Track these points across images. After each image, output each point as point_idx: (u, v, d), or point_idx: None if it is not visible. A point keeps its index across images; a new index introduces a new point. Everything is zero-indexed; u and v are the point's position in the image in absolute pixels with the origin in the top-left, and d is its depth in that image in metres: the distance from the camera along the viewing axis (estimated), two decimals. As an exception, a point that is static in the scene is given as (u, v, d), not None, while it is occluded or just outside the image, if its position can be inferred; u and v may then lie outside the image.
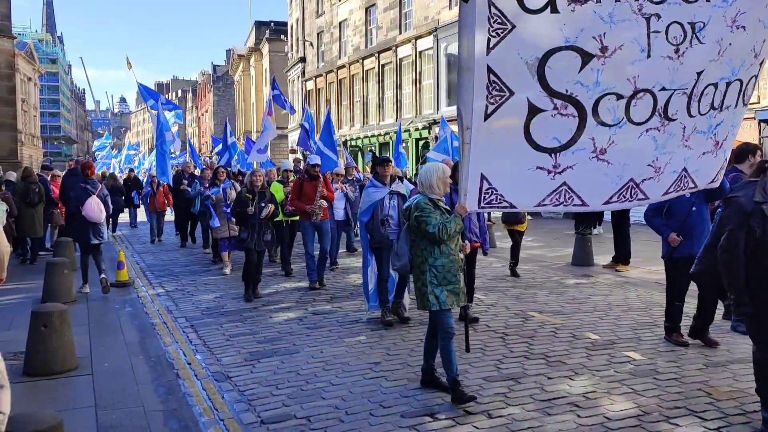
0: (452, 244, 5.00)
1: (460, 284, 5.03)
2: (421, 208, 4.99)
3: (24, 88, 52.44)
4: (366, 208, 7.46)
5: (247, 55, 58.00)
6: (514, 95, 4.25)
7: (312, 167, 9.99)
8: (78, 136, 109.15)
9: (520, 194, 4.62)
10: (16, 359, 6.17)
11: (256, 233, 8.94)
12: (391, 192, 7.50)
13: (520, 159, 4.46)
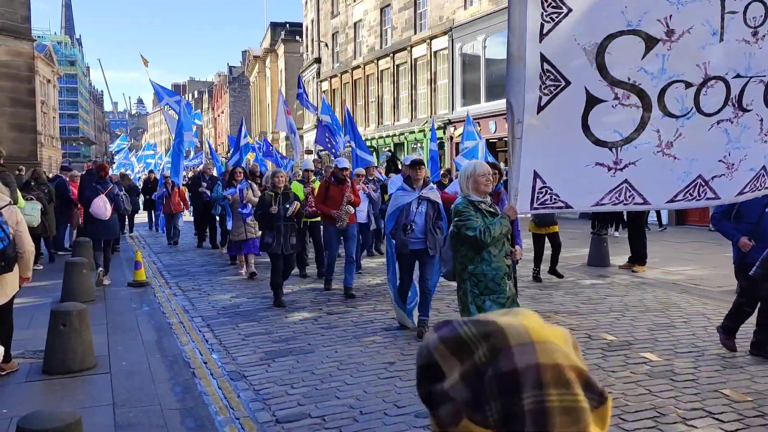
0: (496, 249, 4.61)
1: (507, 293, 4.64)
2: (459, 211, 4.66)
3: (43, 90, 53.09)
4: (392, 212, 6.98)
5: (263, 56, 58.24)
6: (570, 85, 3.93)
7: (340, 170, 9.52)
8: (96, 137, 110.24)
9: (577, 193, 4.27)
10: (35, 358, 6.26)
11: (281, 236, 8.47)
12: (420, 197, 6.88)
13: (578, 155, 4.12)
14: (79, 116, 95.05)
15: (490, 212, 4.67)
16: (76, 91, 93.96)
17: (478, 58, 27.10)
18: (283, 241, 8.48)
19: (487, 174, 4.71)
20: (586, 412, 0.79)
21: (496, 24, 25.65)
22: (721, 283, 9.61)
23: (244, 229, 10.74)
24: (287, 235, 8.49)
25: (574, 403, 0.79)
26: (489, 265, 4.59)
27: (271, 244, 8.47)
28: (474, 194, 4.69)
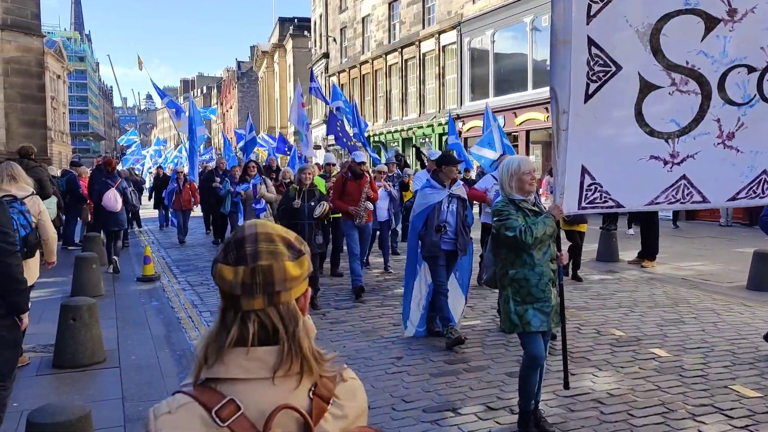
0: (539, 252, 4.13)
1: (552, 301, 4.18)
2: (498, 210, 4.20)
3: (53, 85, 53.36)
4: (420, 211, 6.46)
5: (271, 51, 58.30)
6: (621, 70, 3.62)
7: (357, 165, 9.12)
8: (106, 132, 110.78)
9: (629, 191, 3.90)
10: (45, 352, 6.31)
11: (305, 236, 7.86)
12: (451, 195, 6.45)
13: (631, 147, 3.78)
14: (88, 112, 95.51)
15: (534, 211, 4.20)
16: (85, 87, 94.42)
17: (486, 52, 27.01)
18: (307, 241, 8.23)
19: (531, 172, 4.20)
20: (284, 255, 1.34)
21: (505, 18, 25.54)
22: (731, 278, 9.56)
23: None
24: (312, 235, 8.02)
25: (275, 249, 1.33)
26: (532, 269, 4.12)
27: None
28: (517, 194, 4.20)
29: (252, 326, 1.30)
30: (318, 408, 1.33)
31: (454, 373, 5.59)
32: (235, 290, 1.29)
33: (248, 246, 1.32)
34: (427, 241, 6.37)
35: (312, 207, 7.98)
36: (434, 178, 6.53)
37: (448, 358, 6.02)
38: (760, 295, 8.39)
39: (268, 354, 1.30)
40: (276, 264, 1.31)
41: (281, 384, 1.30)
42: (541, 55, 24.67)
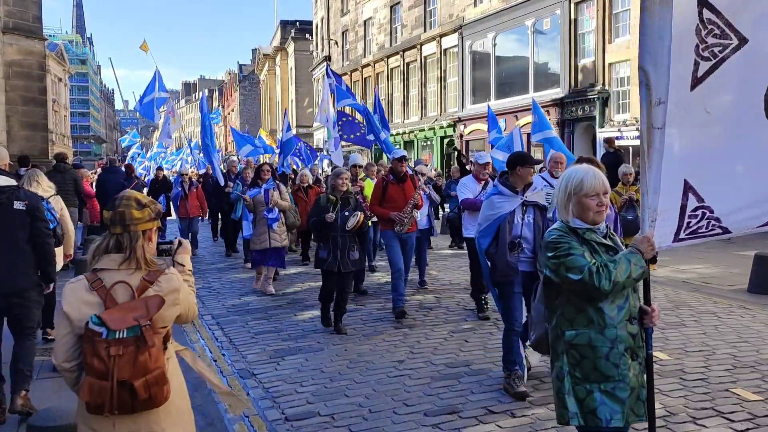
0: (613, 306, 2.85)
1: (630, 382, 2.86)
2: (554, 244, 2.89)
3: (55, 88, 53.44)
4: (487, 225, 5.21)
5: (273, 54, 58.34)
6: (746, 43, 2.63)
7: (398, 164, 8.08)
8: (107, 135, 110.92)
9: (744, 211, 2.85)
10: (46, 355, 6.30)
11: (339, 250, 7.00)
12: (525, 203, 5.22)
13: (759, 154, 2.73)
14: (90, 115, 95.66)
15: (606, 246, 2.95)
16: (87, 90, 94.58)
17: (488, 55, 27.03)
18: (341, 256, 7.00)
19: (601, 192, 2.92)
20: (132, 207, 2.59)
21: (506, 21, 25.57)
22: (732, 281, 9.55)
23: (268, 236, 9.17)
24: (346, 249, 7.03)
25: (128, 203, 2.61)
26: (601, 331, 2.85)
27: (326, 260, 7.02)
28: (579, 220, 2.95)
29: (112, 241, 2.62)
30: (143, 285, 2.59)
31: (456, 376, 5.58)
32: (107, 222, 2.64)
33: (116, 201, 2.65)
34: (499, 263, 5.09)
35: (347, 217, 7.03)
36: (504, 183, 5.30)
37: (450, 361, 6.02)
38: (761, 299, 8.38)
39: (119, 257, 2.61)
40: (126, 210, 2.61)
41: (126, 272, 2.59)
42: (542, 58, 24.69)
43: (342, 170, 7.68)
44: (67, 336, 2.55)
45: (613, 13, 21.27)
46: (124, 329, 2.44)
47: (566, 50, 22.82)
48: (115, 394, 2.41)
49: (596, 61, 21.79)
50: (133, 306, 2.51)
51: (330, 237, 6.98)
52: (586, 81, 22.39)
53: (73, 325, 2.53)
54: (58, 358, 2.56)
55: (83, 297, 2.54)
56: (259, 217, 9.28)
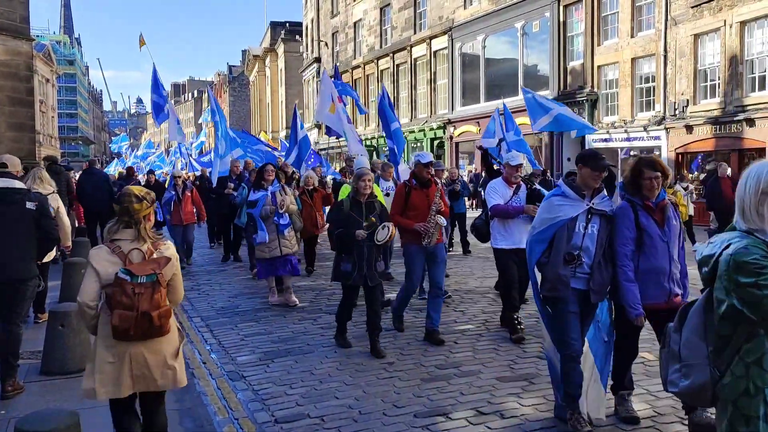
0: None
1: None
2: (757, 267, 2.24)
3: (42, 89, 53.06)
4: (543, 229, 4.48)
5: (263, 55, 58.24)
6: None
7: (423, 168, 6.95)
8: (95, 136, 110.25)
9: None
10: (33, 358, 6.26)
11: (365, 262, 6.25)
12: (592, 210, 4.42)
13: None
14: (78, 116, 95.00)
15: None
16: (75, 91, 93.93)
17: (477, 57, 27.12)
18: (367, 269, 6.28)
19: None
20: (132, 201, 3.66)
21: (496, 24, 25.67)
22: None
23: (278, 244, 8.41)
24: (372, 260, 6.32)
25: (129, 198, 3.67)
26: None
27: (350, 274, 6.29)
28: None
29: (124, 222, 3.64)
30: (150, 250, 3.64)
31: (446, 378, 5.59)
32: (117, 212, 3.65)
33: (121, 198, 3.63)
34: (549, 274, 4.42)
35: (372, 227, 6.27)
36: (569, 184, 4.54)
37: (439, 363, 6.03)
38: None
39: (130, 232, 3.64)
40: (129, 205, 3.60)
41: (137, 243, 3.63)
42: (531, 61, 24.81)
43: (365, 171, 6.60)
44: (95, 284, 3.58)
45: (602, 16, 21.41)
46: (144, 276, 3.52)
47: (555, 52, 22.95)
48: (138, 321, 3.50)
49: (585, 64, 21.92)
50: (149, 262, 3.62)
51: (356, 248, 6.25)
52: (575, 83, 22.52)
53: (100, 277, 3.56)
54: (85, 298, 3.59)
55: (107, 258, 3.59)
56: (268, 224, 8.41)
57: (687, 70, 18.74)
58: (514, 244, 6.72)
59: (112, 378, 3.62)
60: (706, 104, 18.39)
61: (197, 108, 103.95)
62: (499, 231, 6.85)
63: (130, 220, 3.64)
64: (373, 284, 6.36)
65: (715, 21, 17.85)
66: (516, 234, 6.72)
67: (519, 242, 6.57)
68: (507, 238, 6.79)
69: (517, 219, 6.73)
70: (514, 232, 6.74)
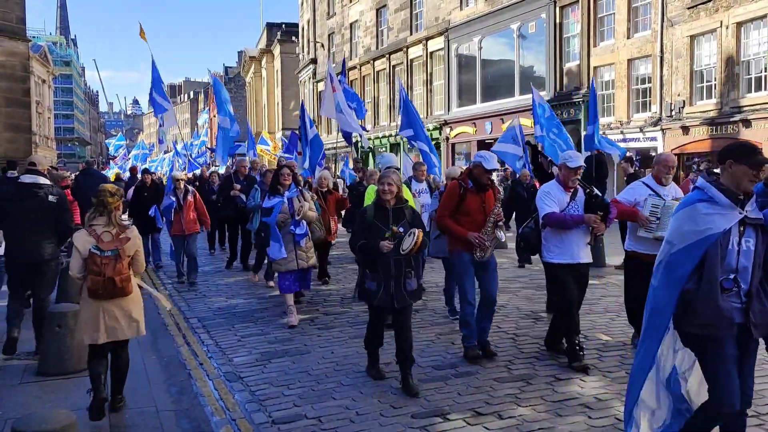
0: None
1: None
2: None
3: (38, 90, 52.94)
4: (689, 246, 3.45)
5: (259, 56, 58.21)
6: None
7: (485, 172, 6.06)
8: (91, 137, 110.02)
9: None
10: (30, 359, 6.25)
11: (392, 280, 5.28)
12: (746, 221, 3.47)
13: None
14: (74, 116, 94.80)
15: None
16: (71, 92, 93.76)
17: (474, 58, 27.15)
18: (395, 288, 5.30)
19: None
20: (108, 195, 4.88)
21: (492, 25, 25.70)
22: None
23: (295, 256, 7.55)
24: (401, 277, 5.31)
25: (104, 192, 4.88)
26: None
27: (375, 293, 5.35)
28: None
29: (99, 211, 4.83)
30: (118, 233, 4.80)
31: (443, 378, 5.59)
32: (95, 203, 4.84)
33: (98, 193, 4.85)
34: (704, 307, 3.42)
35: (399, 236, 5.29)
36: (719, 186, 3.52)
37: (436, 363, 6.03)
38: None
39: (103, 219, 4.81)
40: (105, 198, 4.80)
41: (108, 227, 4.80)
42: (527, 62, 24.84)
43: (388, 173, 5.58)
44: (79, 259, 4.75)
45: (599, 17, 21.45)
46: (109, 251, 4.73)
47: (551, 53, 22.98)
48: (105, 284, 4.68)
49: (581, 65, 21.96)
50: (114, 240, 4.78)
51: (380, 262, 5.29)
52: (571, 84, 22.55)
53: (80, 253, 4.74)
54: (74, 271, 4.81)
55: (85, 238, 4.76)
56: (283, 233, 7.54)
57: (683, 71, 18.79)
58: (572, 259, 5.82)
59: (92, 328, 4.81)
60: (703, 105, 18.44)
61: (193, 109, 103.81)
62: (554, 243, 5.88)
63: (104, 210, 4.83)
64: (401, 306, 5.33)
65: (711, 22, 17.90)
66: (574, 247, 5.83)
67: (577, 256, 5.84)
68: (563, 252, 5.83)
69: (575, 230, 5.80)
70: (572, 244, 5.82)
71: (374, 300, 5.40)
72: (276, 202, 7.61)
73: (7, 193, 6.42)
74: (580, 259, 5.85)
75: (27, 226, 6.25)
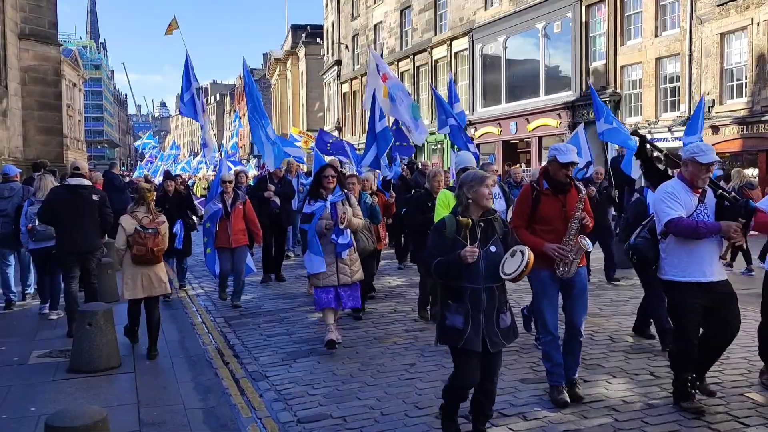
0: None
1: None
2: None
3: (69, 93, 53.89)
4: None
5: (284, 58, 58.57)
6: None
7: (561, 168, 4.97)
8: (120, 139, 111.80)
9: None
10: (62, 357, 6.39)
11: (482, 314, 4.07)
12: None
13: None
14: (103, 119, 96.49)
15: None
16: (101, 95, 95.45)
17: (498, 58, 27.01)
18: (486, 324, 4.09)
19: None
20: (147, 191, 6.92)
21: (517, 24, 25.54)
22: (746, 285, 9.46)
23: (336, 269, 6.60)
24: (494, 311, 4.12)
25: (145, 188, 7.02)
26: None
27: (461, 331, 4.07)
28: None
29: (140, 202, 6.71)
30: (153, 217, 6.67)
31: (467, 379, 5.58)
32: (137, 196, 6.81)
33: (139, 189, 6.87)
34: None
35: (492, 256, 4.10)
36: None
37: (461, 364, 6.01)
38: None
39: (144, 208, 6.68)
40: (145, 193, 6.75)
41: (147, 213, 6.65)
42: (553, 61, 24.65)
43: (482, 173, 4.47)
44: (123, 236, 6.46)
45: (626, 16, 21.20)
46: (150, 228, 6.47)
47: (577, 53, 22.76)
48: (147, 252, 6.42)
49: (608, 64, 21.72)
50: (152, 223, 6.55)
51: (467, 291, 4.07)
52: (597, 84, 22.31)
53: (125, 231, 6.46)
54: (119, 243, 6.53)
55: (130, 221, 6.50)
56: (323, 243, 6.57)
57: (713, 69, 18.48)
58: (702, 277, 4.73)
59: (132, 287, 6.52)
60: (733, 104, 18.11)
61: (219, 111, 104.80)
62: (678, 256, 4.78)
63: (144, 201, 6.65)
64: (495, 350, 4.15)
65: (741, 19, 17.58)
66: (706, 261, 4.74)
67: (709, 273, 4.75)
68: (690, 268, 4.73)
69: (706, 241, 4.70)
70: (702, 258, 4.73)
71: (460, 341, 4.08)
72: (317, 207, 6.62)
73: (60, 195, 7.47)
74: (711, 277, 4.75)
75: (76, 221, 7.36)
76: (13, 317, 8.39)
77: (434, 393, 5.25)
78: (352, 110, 41.11)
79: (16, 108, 20.60)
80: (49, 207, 7.41)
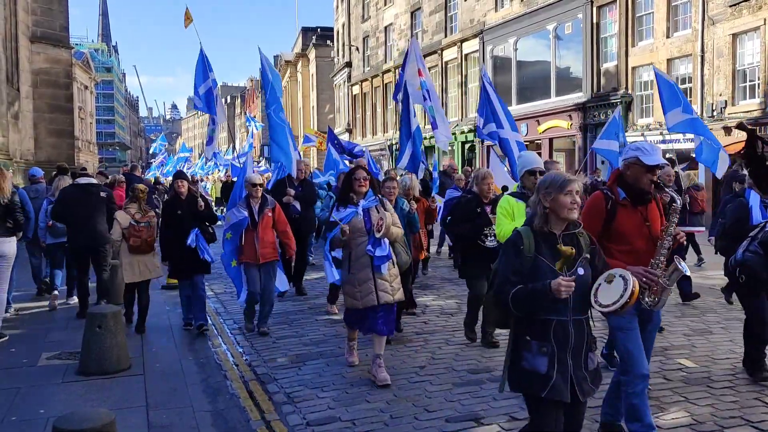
0: None
1: None
2: None
3: (81, 96, 54.32)
4: None
5: (294, 60, 58.73)
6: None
7: (647, 172, 4.00)
8: (132, 142, 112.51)
9: None
10: (71, 359, 6.39)
11: (569, 354, 3.19)
12: None
13: None
14: (115, 121, 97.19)
15: None
16: (112, 97, 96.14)
17: (509, 60, 26.95)
18: (574, 369, 3.23)
19: None
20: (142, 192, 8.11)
21: (527, 26, 25.47)
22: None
23: (374, 286, 5.62)
24: (581, 351, 3.26)
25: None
26: None
27: (546, 377, 3.18)
28: None
29: (133, 199, 7.70)
30: (145, 211, 7.65)
31: (478, 382, 5.54)
32: (131, 195, 7.84)
33: (133, 189, 7.86)
34: None
35: (582, 277, 3.22)
36: None
37: (471, 367, 5.98)
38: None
39: (136, 205, 7.62)
40: (138, 193, 7.70)
41: (139, 209, 7.62)
42: (564, 63, 24.55)
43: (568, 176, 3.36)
44: (119, 228, 7.40)
45: (637, 16, 21.09)
46: (144, 222, 7.47)
47: (588, 54, 22.66)
48: (141, 243, 7.44)
49: (619, 65, 21.60)
50: (144, 217, 7.52)
51: (551, 324, 3.19)
52: (608, 85, 22.20)
53: (120, 224, 7.39)
54: (115, 235, 7.50)
55: (124, 216, 7.42)
56: (356, 255, 5.68)
57: (725, 70, 18.33)
58: None
59: (130, 272, 7.46)
60: (746, 105, 17.96)
61: (230, 114, 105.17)
62: None
63: (136, 198, 7.59)
64: (585, 398, 3.30)
65: (754, 20, 17.43)
66: None
67: None
68: None
69: None
70: None
71: (544, 390, 3.17)
72: (348, 213, 5.73)
73: (71, 193, 8.20)
74: None
75: (87, 216, 8.06)
76: (23, 319, 8.43)
77: (444, 396, 5.22)
78: (362, 112, 41.15)
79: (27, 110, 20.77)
80: (61, 204, 8.16)
